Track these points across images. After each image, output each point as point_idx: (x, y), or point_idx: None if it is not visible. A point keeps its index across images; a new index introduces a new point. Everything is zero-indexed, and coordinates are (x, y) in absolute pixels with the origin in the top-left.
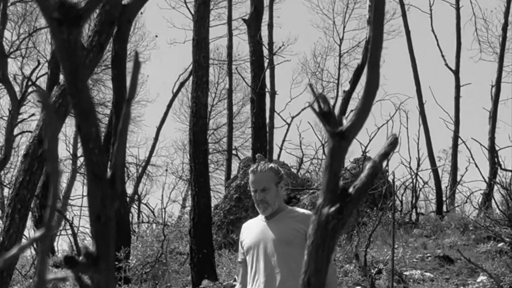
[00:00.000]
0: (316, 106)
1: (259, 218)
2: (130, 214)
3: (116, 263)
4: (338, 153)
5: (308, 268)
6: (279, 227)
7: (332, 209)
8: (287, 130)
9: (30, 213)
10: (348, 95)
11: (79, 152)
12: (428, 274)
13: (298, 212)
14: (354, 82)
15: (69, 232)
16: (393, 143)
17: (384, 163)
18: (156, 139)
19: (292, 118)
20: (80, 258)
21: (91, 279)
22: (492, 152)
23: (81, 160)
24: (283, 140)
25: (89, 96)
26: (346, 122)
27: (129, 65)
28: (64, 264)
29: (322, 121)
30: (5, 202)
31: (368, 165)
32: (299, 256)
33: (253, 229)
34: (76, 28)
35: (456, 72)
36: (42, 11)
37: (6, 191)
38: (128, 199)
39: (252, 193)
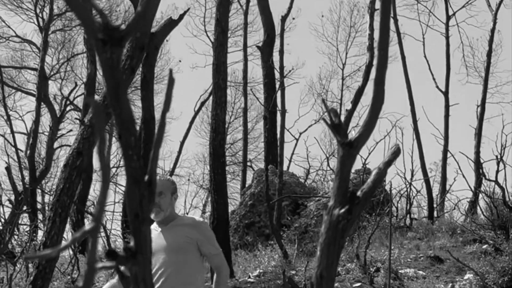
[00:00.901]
0: (328, 119)
1: (153, 228)
2: None
3: None
4: (347, 161)
5: (320, 263)
6: (172, 236)
7: (342, 210)
8: (296, 144)
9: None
10: (350, 114)
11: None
12: (421, 272)
13: (189, 219)
14: (355, 102)
15: (103, 234)
16: (396, 152)
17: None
18: (179, 152)
19: (300, 134)
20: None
21: (130, 271)
22: (478, 164)
23: (112, 170)
24: (292, 153)
25: (129, 108)
26: (354, 133)
27: (156, 87)
28: (106, 257)
29: (333, 132)
30: (46, 207)
31: (374, 171)
32: (193, 262)
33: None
34: (118, 48)
35: (446, 94)
36: (88, 32)
37: (47, 198)
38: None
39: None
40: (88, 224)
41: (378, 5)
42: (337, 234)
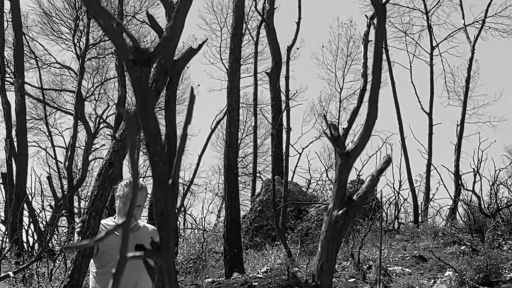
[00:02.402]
0: (328, 132)
1: (115, 231)
2: (178, 222)
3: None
4: (345, 169)
5: (321, 257)
6: (141, 236)
7: (340, 211)
8: (299, 158)
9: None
10: (346, 132)
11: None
12: (407, 269)
13: (149, 227)
14: (350, 121)
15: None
16: (387, 162)
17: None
18: (198, 164)
19: (303, 149)
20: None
21: (155, 263)
22: (457, 176)
23: (139, 180)
24: (296, 166)
25: (155, 121)
26: (351, 145)
27: (178, 107)
28: (135, 251)
29: (333, 144)
30: (82, 211)
31: (368, 178)
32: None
33: (111, 241)
34: (146, 68)
35: (430, 114)
36: (120, 54)
37: (82, 203)
38: (176, 210)
39: (122, 205)
40: (121, 219)
41: (371, 37)
42: (336, 232)
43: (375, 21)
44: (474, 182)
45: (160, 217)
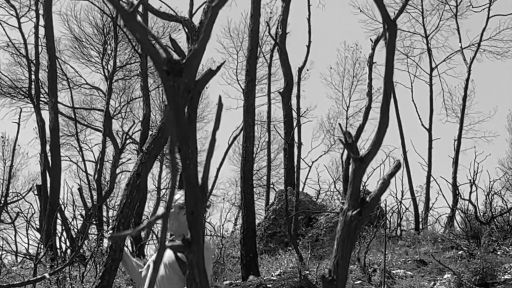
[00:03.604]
0: (343, 139)
1: None
2: None
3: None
4: (358, 173)
5: (337, 254)
6: (169, 251)
7: (354, 212)
8: (309, 170)
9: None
10: None
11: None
12: (409, 272)
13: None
14: (357, 137)
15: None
16: (397, 166)
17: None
18: (216, 176)
19: (313, 162)
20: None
21: (186, 257)
22: (455, 187)
23: (163, 191)
24: (306, 178)
25: (186, 127)
26: (364, 151)
27: (198, 125)
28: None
29: (348, 150)
30: (110, 220)
31: (380, 181)
32: (174, 278)
33: None
34: (179, 78)
35: (429, 130)
36: (155, 65)
37: (110, 212)
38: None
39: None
40: (160, 210)
41: (375, 59)
42: (350, 231)
43: (373, 43)
44: (471, 192)
45: (191, 215)
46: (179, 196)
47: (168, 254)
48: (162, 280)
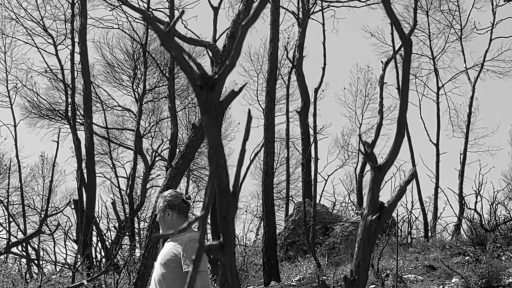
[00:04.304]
0: (363, 149)
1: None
2: None
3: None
4: (377, 180)
5: (358, 256)
6: (164, 251)
7: (374, 217)
8: (325, 183)
9: None
10: (365, 161)
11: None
12: (419, 277)
13: (185, 236)
14: None
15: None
16: (413, 174)
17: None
18: (239, 190)
19: (328, 176)
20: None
21: (219, 259)
22: (461, 197)
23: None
24: (322, 190)
25: (219, 137)
26: (383, 159)
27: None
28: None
29: (367, 159)
30: (141, 231)
31: (397, 188)
32: (172, 278)
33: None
34: (211, 92)
35: (437, 145)
36: (189, 80)
37: (142, 224)
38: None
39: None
40: (200, 212)
41: (386, 79)
42: (370, 234)
43: (385, 63)
44: (476, 202)
45: (223, 220)
46: (160, 200)
47: (164, 253)
48: (160, 279)
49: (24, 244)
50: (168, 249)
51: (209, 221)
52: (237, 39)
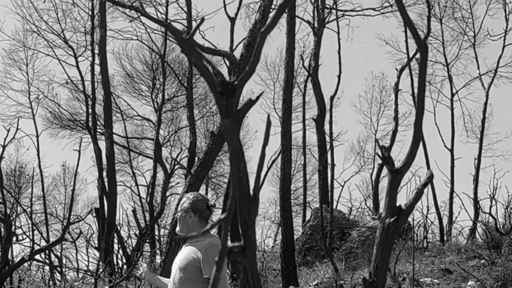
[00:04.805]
0: (380, 153)
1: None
2: None
3: (234, 275)
4: (394, 183)
5: (376, 258)
6: (183, 254)
7: (392, 219)
8: (341, 189)
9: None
10: (381, 167)
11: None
12: (435, 280)
13: (205, 240)
14: None
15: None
16: (430, 177)
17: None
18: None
19: (345, 182)
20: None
21: (240, 262)
22: (476, 201)
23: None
24: (339, 196)
25: (239, 142)
26: (400, 163)
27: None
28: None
29: (384, 162)
30: (161, 238)
31: (414, 190)
32: (191, 282)
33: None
34: (231, 98)
35: (451, 150)
36: (210, 86)
37: (162, 231)
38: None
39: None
40: (222, 214)
41: (401, 86)
42: (388, 236)
43: (402, 70)
44: (491, 206)
45: (244, 223)
46: (185, 200)
47: (183, 257)
48: (178, 283)
49: (47, 251)
50: (187, 253)
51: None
52: (256, 45)
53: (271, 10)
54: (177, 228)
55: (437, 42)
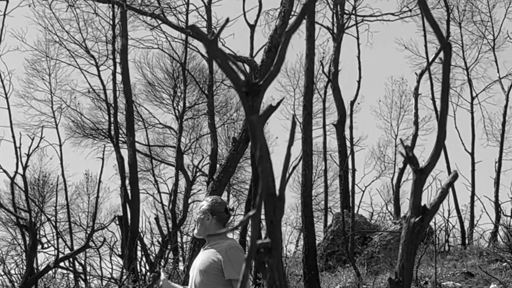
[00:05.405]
0: (404, 153)
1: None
2: None
3: (258, 281)
4: (419, 183)
5: (402, 257)
6: (203, 258)
7: (417, 219)
8: (362, 194)
9: None
10: (402, 171)
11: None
12: (458, 284)
13: (225, 243)
14: (405, 163)
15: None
16: (455, 176)
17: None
18: None
19: (366, 187)
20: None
21: (267, 263)
22: (497, 204)
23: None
24: (360, 201)
25: (265, 143)
26: (424, 162)
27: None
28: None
29: (409, 162)
30: (184, 245)
31: (439, 190)
32: (210, 284)
33: (197, 256)
34: (256, 98)
35: (472, 154)
36: (235, 87)
37: (184, 238)
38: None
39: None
40: (251, 211)
41: (420, 90)
42: (413, 236)
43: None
44: None
45: (270, 224)
46: (204, 202)
47: (204, 260)
48: (200, 286)
49: (71, 259)
50: (208, 256)
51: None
52: (280, 45)
53: (291, 16)
54: (195, 231)
55: (456, 46)
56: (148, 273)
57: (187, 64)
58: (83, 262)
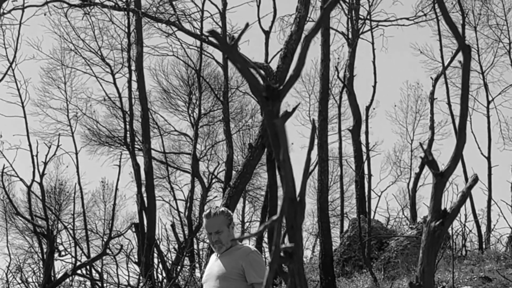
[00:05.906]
0: (424, 157)
1: (214, 254)
2: None
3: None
4: (439, 186)
5: (422, 261)
6: (222, 264)
7: (437, 222)
8: (379, 199)
9: None
10: (418, 176)
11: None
12: None
13: (243, 248)
14: (421, 168)
15: None
16: (475, 179)
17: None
18: None
19: (382, 192)
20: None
21: (288, 267)
22: None
23: (246, 224)
24: (376, 206)
25: (286, 146)
26: (444, 166)
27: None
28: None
29: (428, 166)
30: (200, 252)
31: (459, 194)
32: None
33: (209, 264)
34: (276, 102)
35: (488, 158)
36: (255, 92)
37: (201, 245)
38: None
39: (208, 235)
40: (275, 216)
41: (436, 95)
42: (434, 240)
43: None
44: None
45: (290, 229)
46: (225, 213)
47: (223, 267)
48: None
49: (88, 267)
50: (227, 262)
51: (266, 239)
52: (300, 50)
53: (306, 21)
54: (222, 247)
55: (472, 50)
56: (165, 280)
57: (202, 71)
58: (100, 269)
